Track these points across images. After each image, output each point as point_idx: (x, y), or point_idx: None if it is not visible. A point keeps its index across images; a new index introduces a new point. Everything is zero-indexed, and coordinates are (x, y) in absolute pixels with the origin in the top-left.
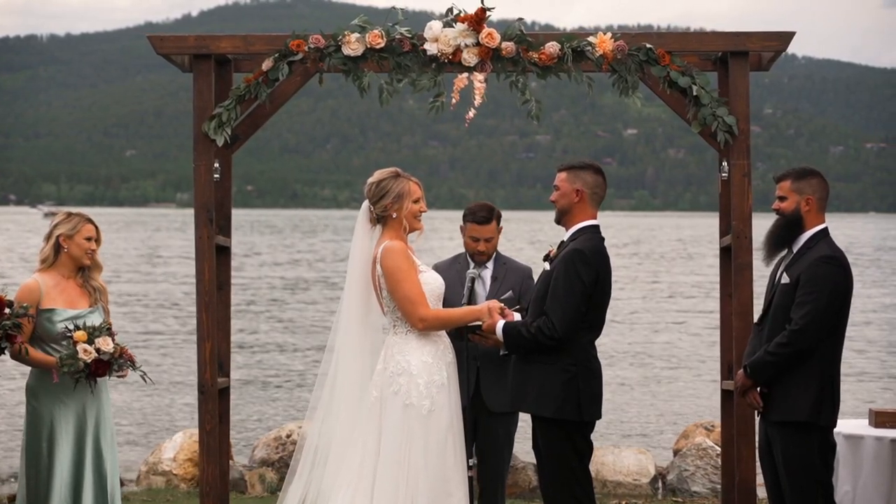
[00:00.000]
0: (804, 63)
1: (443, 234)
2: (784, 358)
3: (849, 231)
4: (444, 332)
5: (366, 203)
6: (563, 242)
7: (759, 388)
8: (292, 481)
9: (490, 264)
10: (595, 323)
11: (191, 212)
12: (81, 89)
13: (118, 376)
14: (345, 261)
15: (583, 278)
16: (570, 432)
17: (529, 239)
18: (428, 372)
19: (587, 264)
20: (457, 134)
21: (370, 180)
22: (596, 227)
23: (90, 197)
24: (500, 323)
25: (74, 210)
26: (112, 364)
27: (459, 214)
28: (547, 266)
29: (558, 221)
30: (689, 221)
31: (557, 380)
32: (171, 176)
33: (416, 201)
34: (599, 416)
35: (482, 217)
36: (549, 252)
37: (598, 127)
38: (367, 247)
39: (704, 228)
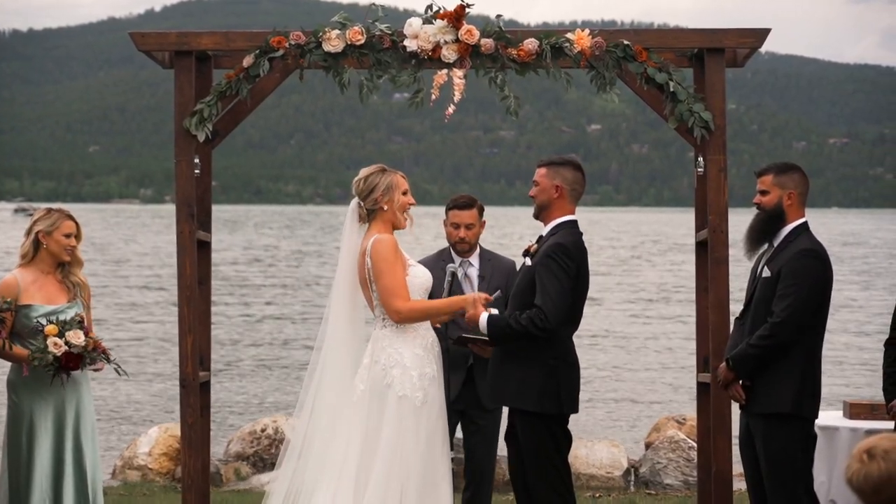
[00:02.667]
0: (767, 59)
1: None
2: (766, 350)
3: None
4: (430, 326)
5: (354, 201)
6: (541, 237)
7: (741, 381)
8: (277, 476)
9: (475, 261)
10: (574, 317)
11: (154, 207)
12: (44, 85)
13: (93, 370)
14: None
15: (567, 271)
16: (549, 425)
17: (493, 234)
18: (420, 364)
19: (570, 258)
20: (420, 129)
21: (357, 178)
22: (574, 223)
23: (53, 193)
24: (484, 315)
25: (55, 206)
26: (84, 357)
27: (423, 211)
28: (528, 261)
29: (537, 216)
30: (656, 217)
31: (539, 373)
32: (134, 172)
33: (404, 193)
34: (577, 410)
35: (463, 202)
36: (529, 247)
37: (562, 122)
38: (355, 244)
39: (668, 224)
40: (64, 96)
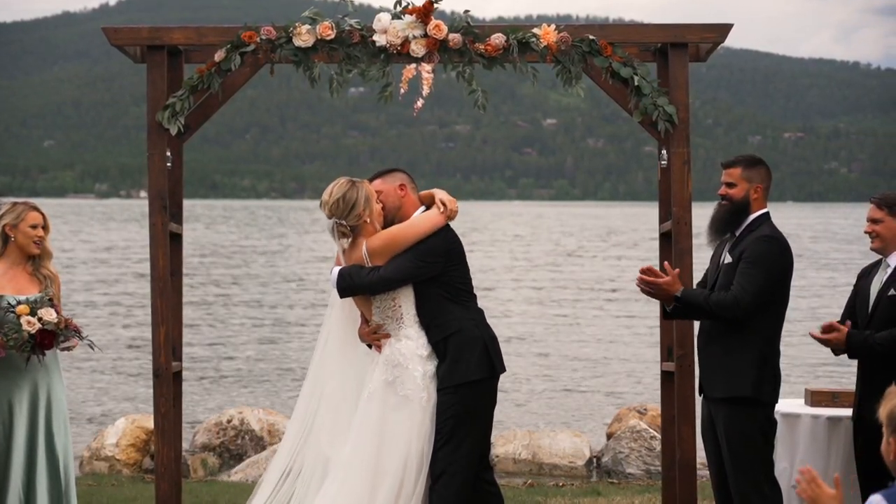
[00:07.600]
0: (722, 53)
1: None
2: (716, 315)
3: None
4: None
5: (330, 222)
6: None
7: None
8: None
9: None
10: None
11: (110, 202)
12: None
13: (65, 348)
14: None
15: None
16: None
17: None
18: (423, 364)
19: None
20: (376, 124)
21: (331, 199)
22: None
23: (7, 188)
24: None
25: (20, 200)
26: (58, 335)
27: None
28: None
29: (392, 222)
30: (613, 211)
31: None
32: (89, 166)
33: (378, 201)
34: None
35: None
36: None
37: (518, 117)
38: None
39: (623, 218)
40: (18, 91)
